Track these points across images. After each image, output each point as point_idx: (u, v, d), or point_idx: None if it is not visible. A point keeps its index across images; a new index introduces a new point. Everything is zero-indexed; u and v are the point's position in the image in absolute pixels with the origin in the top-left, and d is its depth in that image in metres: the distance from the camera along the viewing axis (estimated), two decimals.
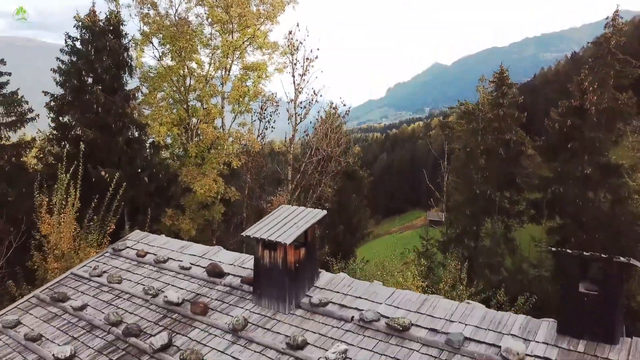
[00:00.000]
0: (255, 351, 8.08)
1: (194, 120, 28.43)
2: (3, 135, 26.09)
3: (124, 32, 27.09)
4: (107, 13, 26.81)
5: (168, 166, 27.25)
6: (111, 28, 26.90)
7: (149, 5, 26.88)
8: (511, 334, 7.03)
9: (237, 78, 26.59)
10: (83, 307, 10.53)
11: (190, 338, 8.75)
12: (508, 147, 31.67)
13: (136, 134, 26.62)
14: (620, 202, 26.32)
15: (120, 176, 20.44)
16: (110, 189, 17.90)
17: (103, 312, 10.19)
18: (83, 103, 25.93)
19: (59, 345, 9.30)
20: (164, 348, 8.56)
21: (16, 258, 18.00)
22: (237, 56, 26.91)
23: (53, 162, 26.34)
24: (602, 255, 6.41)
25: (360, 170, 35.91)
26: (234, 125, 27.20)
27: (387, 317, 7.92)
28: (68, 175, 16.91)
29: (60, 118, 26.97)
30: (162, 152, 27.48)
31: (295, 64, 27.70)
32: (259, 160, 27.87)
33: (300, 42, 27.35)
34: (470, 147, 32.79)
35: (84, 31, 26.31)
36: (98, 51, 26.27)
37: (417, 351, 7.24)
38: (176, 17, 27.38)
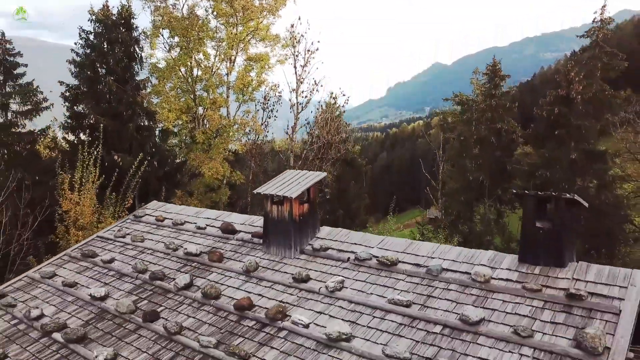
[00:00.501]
0: (265, 286, 9.42)
1: (200, 110, 29.74)
2: (20, 123, 27.50)
3: (134, 25, 28.39)
4: (119, 7, 28.10)
5: (176, 152, 28.58)
6: (122, 21, 28.18)
7: None
8: (481, 264, 8.38)
9: (241, 69, 27.90)
10: (111, 261, 11.89)
11: (208, 280, 10.08)
12: (500, 136, 33.01)
13: (146, 122, 27.92)
14: (605, 187, 27.66)
15: (131, 160, 21.78)
16: (125, 172, 19.30)
17: (130, 264, 11.54)
18: (96, 93, 27.23)
19: (92, 291, 10.64)
20: (187, 287, 9.91)
21: (38, 233, 19.31)
22: (241, 48, 28.22)
23: (67, 149, 27.70)
24: (553, 194, 7.76)
25: (359, 158, 37.32)
26: (238, 114, 28.52)
27: (378, 257, 9.27)
28: (88, 156, 18.23)
29: (75, 107, 28.28)
30: (171, 139, 28.77)
31: (296, 56, 29.01)
32: (262, 147, 29.14)
33: (302, 35, 28.63)
34: (464, 136, 34.10)
35: (97, 25, 27.61)
36: (110, 43, 27.55)
37: (402, 280, 8.59)
38: (184, 11, 28.67)
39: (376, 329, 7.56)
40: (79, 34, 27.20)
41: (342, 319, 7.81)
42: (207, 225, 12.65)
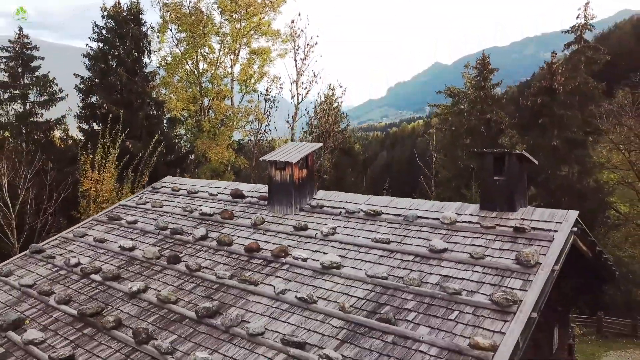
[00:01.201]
0: (270, 235, 11.09)
1: (206, 101, 31.38)
2: (37, 113, 29.19)
3: (143, 21, 30.02)
4: (129, 3, 29.72)
5: (184, 140, 30.24)
6: (132, 17, 29.81)
7: None
8: (449, 212, 10.05)
9: (244, 62, 29.57)
10: (135, 222, 13.55)
11: (222, 232, 11.74)
12: (489, 126, 34.67)
13: (154, 111, 29.56)
14: (586, 172, 29.34)
15: (141, 147, 23.44)
16: (135, 157, 20.99)
17: (151, 224, 13.20)
18: (108, 84, 28.89)
19: (121, 243, 12.30)
20: (203, 238, 11.58)
21: (61, 209, 20.96)
22: (244, 42, 29.84)
23: (81, 137, 29.37)
24: (506, 150, 9.42)
25: (355, 147, 39.03)
26: (242, 104, 30.16)
27: (365, 210, 10.94)
28: (109, 138, 19.90)
29: (88, 98, 29.91)
30: (178, 128, 30.39)
31: (297, 50, 30.67)
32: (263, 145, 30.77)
33: (302, 30, 30.28)
34: (455, 126, 35.73)
35: (109, 20, 29.23)
36: (121, 37, 29.20)
37: (384, 226, 10.26)
38: (190, 8, 30.27)
39: (361, 260, 9.23)
40: (92, 28, 28.82)
41: (334, 254, 9.48)
42: (218, 192, 14.32)
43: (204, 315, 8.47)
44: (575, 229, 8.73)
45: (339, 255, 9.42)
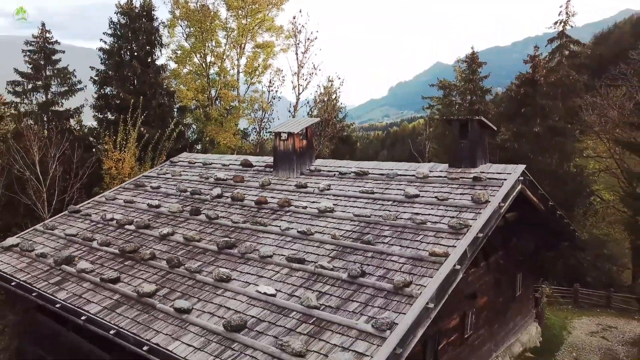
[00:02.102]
0: (275, 192, 13.07)
1: (213, 92, 33.31)
2: (58, 102, 31.12)
3: (155, 16, 31.88)
4: (142, 0, 31.58)
5: (193, 129, 32.22)
6: (145, 13, 31.67)
7: None
8: (423, 169, 12.04)
9: (250, 55, 31.56)
10: (158, 187, 15.54)
11: (235, 192, 13.73)
12: (477, 115, 36.50)
13: (166, 100, 31.45)
14: (566, 159, 31.31)
15: (154, 132, 25.36)
16: (148, 142, 23.03)
17: (173, 188, 15.19)
18: (123, 76, 30.77)
19: (148, 202, 14.29)
20: (219, 196, 13.56)
21: (86, 186, 22.86)
22: (249, 37, 31.78)
23: (96, 126, 31.29)
24: (468, 117, 11.40)
25: (352, 136, 40.98)
26: (248, 94, 32.16)
27: (355, 171, 12.92)
28: (130, 121, 21.89)
29: (102, 90, 31.79)
30: (187, 116, 32.29)
31: (298, 44, 32.62)
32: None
33: (302, 26, 32.19)
34: (446, 116, 37.53)
35: (122, 16, 31.11)
36: (134, 32, 31.06)
37: (370, 182, 12.23)
38: (198, 4, 32.20)
39: (350, 206, 11.21)
40: (108, 24, 30.66)
41: (329, 203, 11.47)
42: (229, 163, 16.32)
43: (223, 247, 10.47)
44: (521, 178, 10.70)
45: (333, 204, 11.40)
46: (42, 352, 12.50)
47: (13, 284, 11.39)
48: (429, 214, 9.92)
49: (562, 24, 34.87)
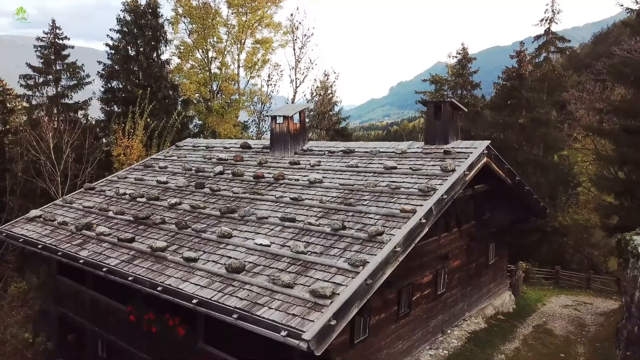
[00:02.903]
0: (272, 169, 14.46)
1: (215, 85, 34.66)
2: (68, 95, 32.49)
3: (159, 14, 33.21)
4: None
5: (192, 123, 33.63)
6: (149, 10, 33.01)
7: None
8: (402, 146, 13.44)
9: (249, 50, 32.95)
10: (165, 167, 16.94)
11: (234, 169, 15.13)
12: (467, 108, 37.98)
13: (170, 93, 32.81)
14: (550, 149, 32.70)
15: (158, 123, 26.74)
16: (154, 131, 24.48)
17: (179, 167, 16.59)
18: (129, 70, 32.13)
19: (157, 179, 15.69)
20: (221, 173, 14.95)
21: (97, 170, 24.24)
22: (249, 33, 33.13)
23: (103, 118, 32.66)
24: (441, 100, 12.78)
25: (347, 128, 42.28)
26: (248, 87, 33.58)
27: (342, 149, 14.32)
28: (139, 110, 23.29)
29: (109, 84, 33.13)
30: (190, 108, 33.62)
31: (295, 40, 33.99)
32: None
33: (299, 22, 33.53)
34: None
35: (128, 13, 32.44)
36: (140, 28, 32.40)
37: (356, 158, 13.62)
38: (200, 2, 33.53)
39: (337, 178, 12.60)
40: (116, 20, 32.00)
41: (318, 175, 12.87)
42: (230, 146, 17.72)
43: (225, 212, 11.87)
44: (486, 152, 12.10)
45: (322, 176, 12.79)
46: (64, 310, 13.93)
47: (39, 246, 12.81)
48: (404, 182, 11.31)
49: (548, 21, 36.24)
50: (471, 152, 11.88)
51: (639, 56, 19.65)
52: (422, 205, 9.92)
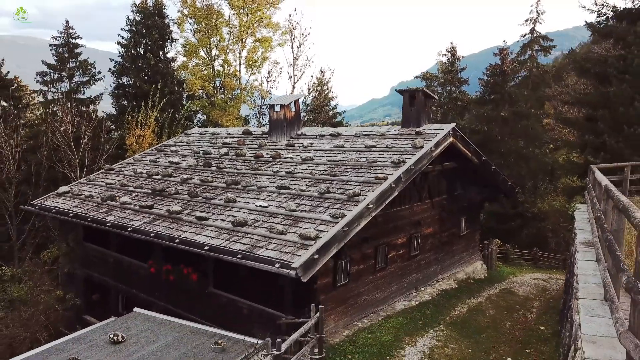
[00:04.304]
0: (270, 150, 16.45)
1: (217, 82, 36.63)
2: (80, 91, 34.47)
3: (166, 14, 35.18)
4: (154, 0, 34.88)
5: (196, 118, 35.68)
6: (157, 11, 34.97)
7: None
8: (382, 129, 15.42)
9: (250, 48, 34.96)
10: (176, 151, 18.93)
11: (237, 151, 17.11)
12: (455, 103, 39.99)
13: (176, 88, 34.79)
14: (531, 140, 34.67)
15: (167, 116, 28.70)
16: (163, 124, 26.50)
17: (188, 151, 18.59)
18: (138, 67, 34.11)
19: (169, 160, 17.68)
20: (226, 154, 16.93)
21: (113, 157, 26.23)
22: (249, 33, 35.10)
23: (114, 112, 34.61)
24: (414, 89, 14.78)
25: (343, 123, 44.25)
26: (248, 82, 35.61)
27: (332, 133, 16.30)
28: (151, 102, 25.27)
29: (120, 80, 35.09)
30: (195, 103, 35.62)
31: (293, 39, 35.94)
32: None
33: (298, 22, 35.45)
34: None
35: (137, 14, 34.40)
36: (148, 28, 34.37)
37: (343, 140, 15.62)
38: (204, 4, 35.50)
39: (326, 156, 14.58)
40: (126, 21, 33.97)
41: (310, 154, 14.86)
42: (234, 133, 19.70)
43: (230, 183, 13.86)
44: (451, 132, 14.07)
45: (313, 155, 14.78)
46: (89, 271, 15.94)
47: (71, 215, 14.82)
48: (380, 157, 13.30)
49: (533, 21, 38.07)
50: (438, 133, 13.85)
51: (599, 53, 21.60)
52: (392, 174, 11.90)
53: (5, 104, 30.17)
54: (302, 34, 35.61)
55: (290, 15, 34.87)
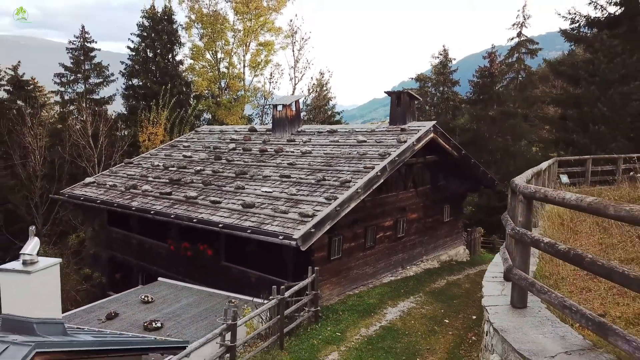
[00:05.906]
0: (274, 145, 18.29)
1: (223, 83, 38.45)
2: (95, 91, 36.33)
3: (174, 20, 37.00)
4: (163, 6, 36.72)
5: (202, 117, 37.54)
6: (165, 17, 36.80)
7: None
8: (372, 126, 17.26)
9: (253, 51, 36.81)
10: (188, 146, 20.79)
11: (244, 146, 18.94)
12: (448, 103, 41.82)
13: (184, 89, 36.63)
14: (517, 138, 36.49)
15: (177, 115, 30.54)
16: (174, 123, 28.32)
17: (200, 146, 20.43)
18: (148, 69, 35.95)
19: (183, 154, 19.52)
20: (234, 149, 18.78)
21: (127, 153, 28.08)
22: (253, 37, 36.94)
23: (124, 112, 36.45)
24: (400, 91, 16.60)
25: (341, 122, 46.03)
26: (252, 84, 37.46)
27: (328, 130, 18.14)
28: (162, 101, 27.14)
29: (130, 81, 36.90)
30: (201, 104, 37.46)
31: (294, 43, 37.78)
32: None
33: (298, 27, 37.23)
34: (421, 104, 42.72)
35: (147, 19, 36.23)
36: (157, 33, 36.21)
37: (338, 136, 17.45)
38: (211, 10, 37.32)
39: (323, 149, 16.42)
40: (137, 26, 35.81)
41: (309, 148, 16.69)
42: (240, 130, 21.55)
43: (239, 173, 15.71)
44: (432, 129, 15.90)
45: (311, 149, 16.62)
46: (113, 252, 17.80)
47: (98, 201, 16.67)
48: (370, 150, 15.13)
49: (520, 25, 39.87)
50: (420, 129, 15.67)
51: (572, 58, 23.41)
52: (379, 164, 13.73)
53: (23, 104, 32.08)
54: (303, 38, 37.49)
55: (291, 21, 36.67)
